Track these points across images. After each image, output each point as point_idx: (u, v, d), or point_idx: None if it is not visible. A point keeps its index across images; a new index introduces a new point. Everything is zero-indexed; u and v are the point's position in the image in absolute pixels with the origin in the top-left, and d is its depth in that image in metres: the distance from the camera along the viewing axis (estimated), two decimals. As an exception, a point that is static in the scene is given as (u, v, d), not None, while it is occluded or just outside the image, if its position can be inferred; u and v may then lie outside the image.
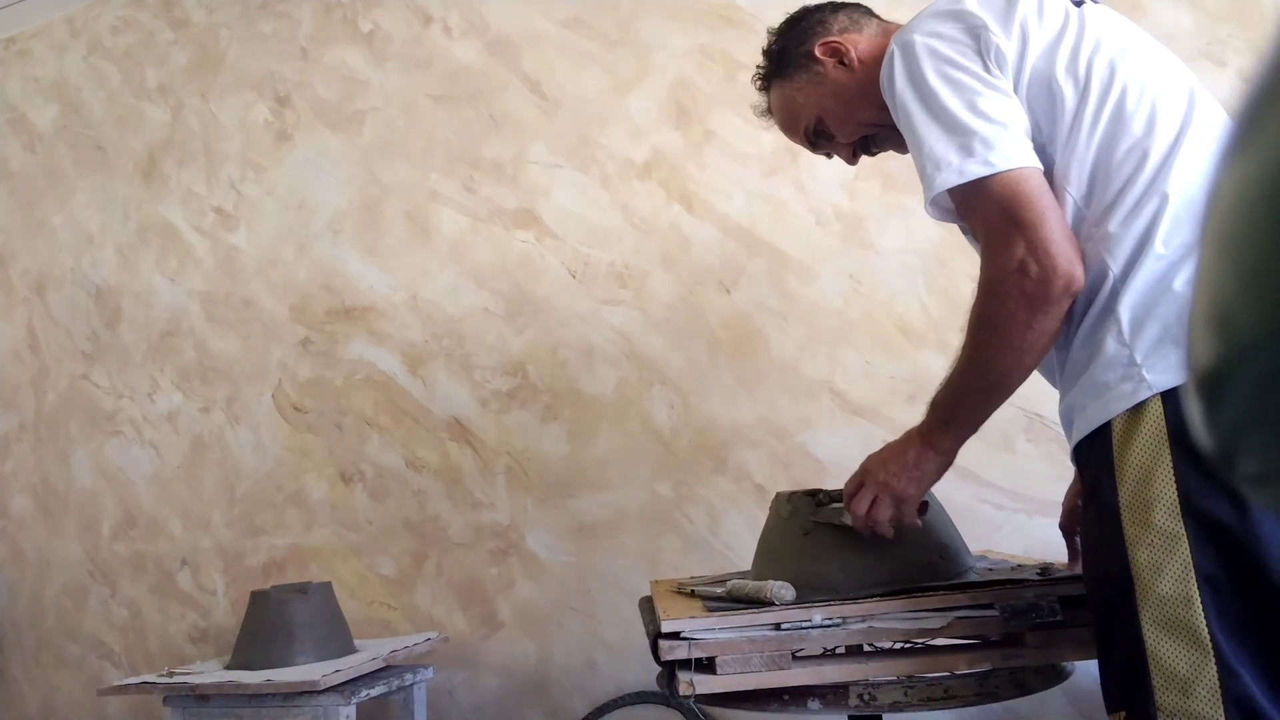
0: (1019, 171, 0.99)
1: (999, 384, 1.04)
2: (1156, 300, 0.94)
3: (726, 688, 1.10)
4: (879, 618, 1.12)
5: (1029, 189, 0.99)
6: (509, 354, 2.30)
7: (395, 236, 2.45)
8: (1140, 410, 0.92)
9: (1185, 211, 0.96)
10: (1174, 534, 0.88)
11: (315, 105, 2.59)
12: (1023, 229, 0.98)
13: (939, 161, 1.02)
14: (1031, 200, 0.98)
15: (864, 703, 1.12)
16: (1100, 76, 1.02)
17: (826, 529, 1.23)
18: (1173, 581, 0.88)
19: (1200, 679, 0.85)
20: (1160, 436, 0.90)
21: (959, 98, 1.02)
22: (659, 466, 2.13)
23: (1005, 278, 0.99)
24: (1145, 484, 0.91)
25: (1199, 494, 0.87)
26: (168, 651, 2.59)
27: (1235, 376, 0.26)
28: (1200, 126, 1.00)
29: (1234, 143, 0.26)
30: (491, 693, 2.24)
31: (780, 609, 1.13)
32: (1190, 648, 0.86)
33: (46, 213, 2.93)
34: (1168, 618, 0.88)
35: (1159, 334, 0.93)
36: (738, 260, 2.12)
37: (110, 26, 2.91)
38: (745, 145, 2.14)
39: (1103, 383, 0.96)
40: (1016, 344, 1.00)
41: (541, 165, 2.32)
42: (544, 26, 2.36)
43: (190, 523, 2.61)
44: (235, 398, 2.60)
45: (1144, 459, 0.91)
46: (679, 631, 1.11)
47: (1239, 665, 0.84)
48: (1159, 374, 0.92)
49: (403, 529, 2.36)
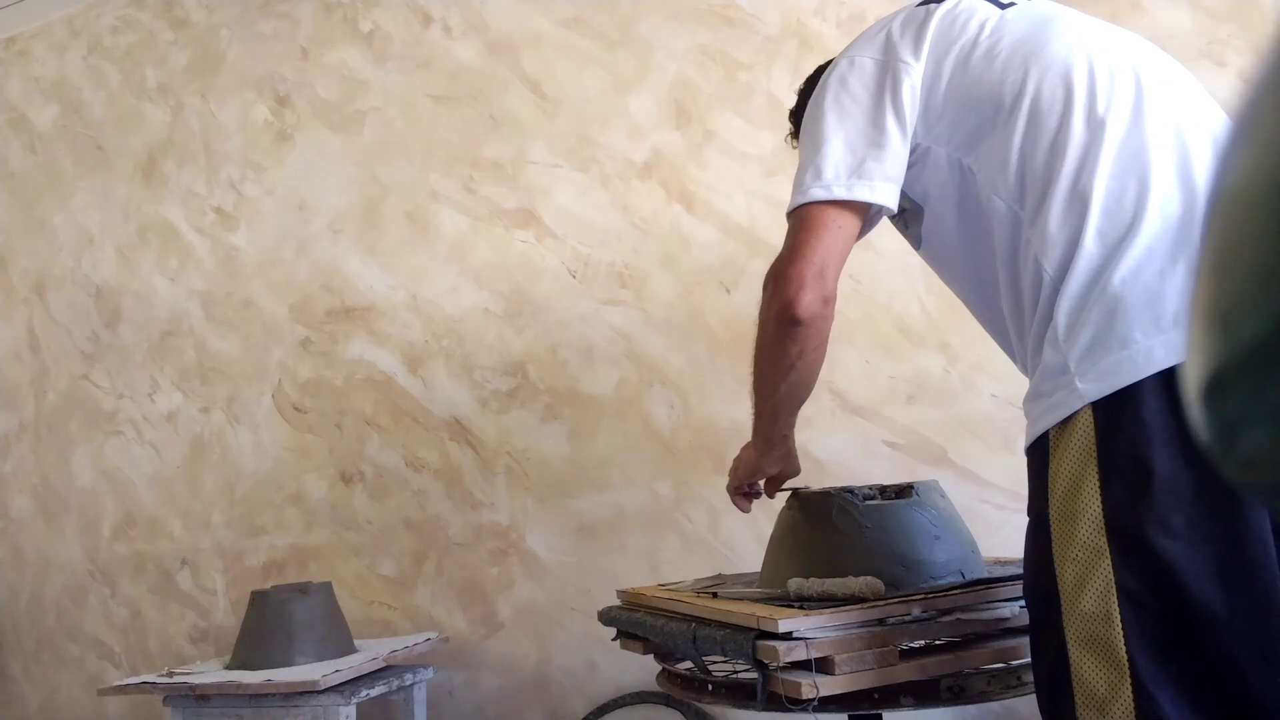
0: (839, 205, 1.05)
1: (757, 387, 1.21)
2: (1090, 303, 0.91)
3: (844, 688, 1.05)
4: (965, 610, 1.12)
5: (815, 221, 1.06)
6: (509, 354, 2.30)
7: (395, 236, 2.45)
8: (1071, 421, 0.90)
9: (1116, 203, 0.93)
10: (1097, 549, 0.86)
11: (315, 105, 2.59)
12: (790, 252, 1.07)
13: (798, 183, 1.09)
14: (819, 231, 1.05)
15: (953, 695, 1.11)
16: (1013, 79, 1.01)
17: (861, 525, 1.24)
18: (1094, 598, 0.85)
19: (1116, 699, 0.83)
20: (1088, 449, 0.88)
21: (840, 125, 1.07)
22: (659, 466, 2.13)
23: (762, 286, 1.13)
24: (1072, 497, 0.88)
25: (1122, 510, 0.85)
26: (168, 651, 2.60)
27: (1235, 376, 0.26)
28: (1142, 110, 0.97)
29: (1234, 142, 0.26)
30: (491, 693, 2.24)
31: (882, 605, 1.10)
32: (1108, 667, 0.84)
33: (46, 213, 2.93)
34: (1089, 634, 0.86)
35: (1091, 339, 0.90)
36: (738, 260, 2.12)
37: (110, 26, 2.91)
38: (745, 145, 2.14)
39: (1043, 392, 0.95)
40: (756, 352, 1.16)
41: (541, 165, 2.32)
42: (544, 26, 2.36)
43: (190, 523, 2.61)
44: (235, 398, 2.60)
45: (1072, 471, 0.89)
46: (792, 631, 1.05)
47: (1155, 687, 0.82)
48: (1090, 383, 0.89)
49: (403, 529, 2.37)
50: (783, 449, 1.32)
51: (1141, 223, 0.91)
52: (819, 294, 1.06)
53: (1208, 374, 0.27)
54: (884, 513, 1.25)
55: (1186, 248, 0.89)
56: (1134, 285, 0.89)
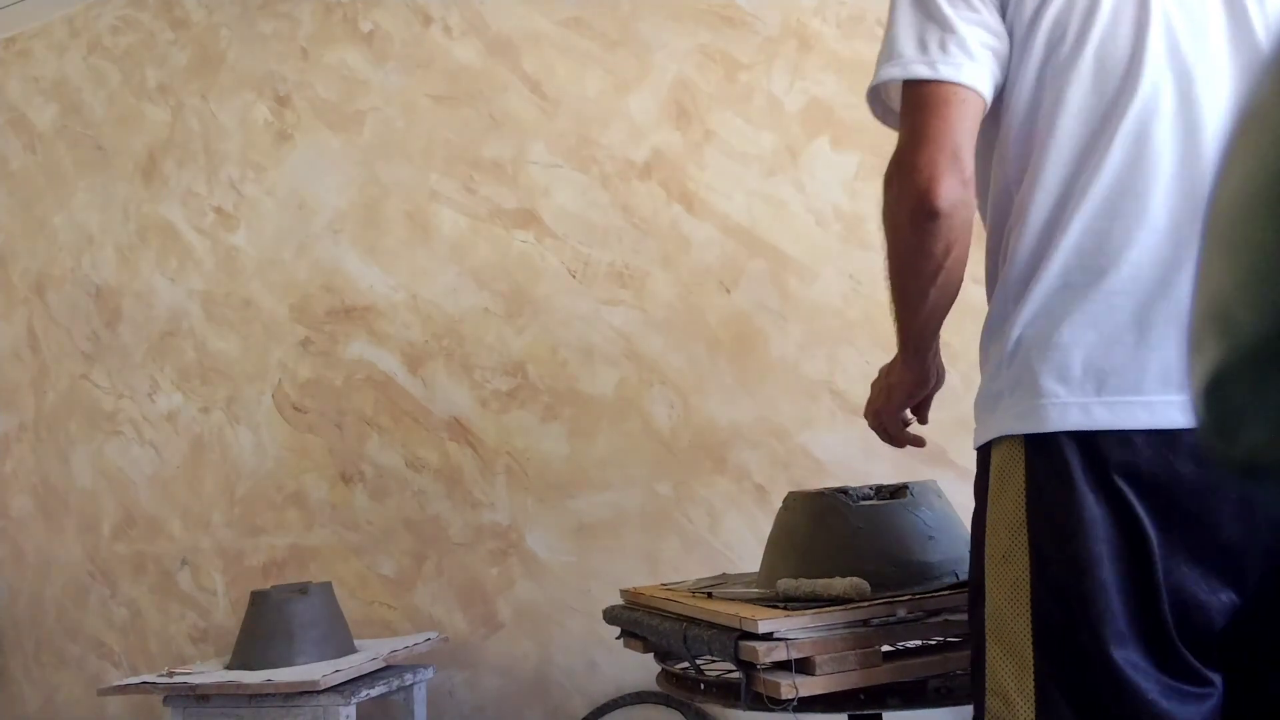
0: (952, 86, 0.94)
1: (901, 299, 1.07)
2: (1043, 339, 0.90)
3: (825, 689, 1.05)
4: (952, 611, 1.12)
5: (932, 101, 0.94)
6: (509, 354, 2.30)
7: (395, 236, 2.46)
8: (1005, 449, 0.92)
9: (1100, 235, 0.89)
10: (1016, 555, 0.90)
11: (315, 105, 2.59)
12: (911, 139, 0.94)
13: (893, 53, 0.97)
14: (925, 108, 0.94)
15: (941, 695, 1.11)
16: (1039, 43, 0.95)
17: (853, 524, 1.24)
18: (1010, 599, 0.90)
19: (1022, 692, 0.88)
20: (1017, 463, 0.90)
21: (944, 2, 0.96)
22: (659, 466, 2.13)
23: (884, 184, 0.98)
24: (999, 501, 0.93)
25: (1036, 519, 0.89)
26: (168, 651, 2.60)
27: (1235, 375, 0.26)
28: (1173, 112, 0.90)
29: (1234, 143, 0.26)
30: (491, 693, 2.24)
31: (866, 605, 1.10)
32: (1016, 663, 0.89)
33: (46, 213, 2.93)
34: (1001, 631, 0.91)
35: (1023, 375, 0.91)
36: (738, 260, 2.12)
37: (110, 26, 2.91)
38: (745, 145, 2.14)
39: (991, 395, 0.96)
40: (892, 259, 1.02)
41: (541, 165, 2.32)
42: (544, 26, 2.36)
43: (190, 523, 2.61)
44: (235, 398, 2.60)
45: (1001, 478, 0.92)
46: (773, 632, 1.05)
47: (1053, 685, 0.87)
48: (1019, 420, 0.91)
49: (403, 529, 2.37)
50: (935, 361, 1.23)
51: (1117, 265, 0.88)
52: (957, 177, 0.93)
53: (1209, 371, 0.27)
54: (877, 513, 1.25)
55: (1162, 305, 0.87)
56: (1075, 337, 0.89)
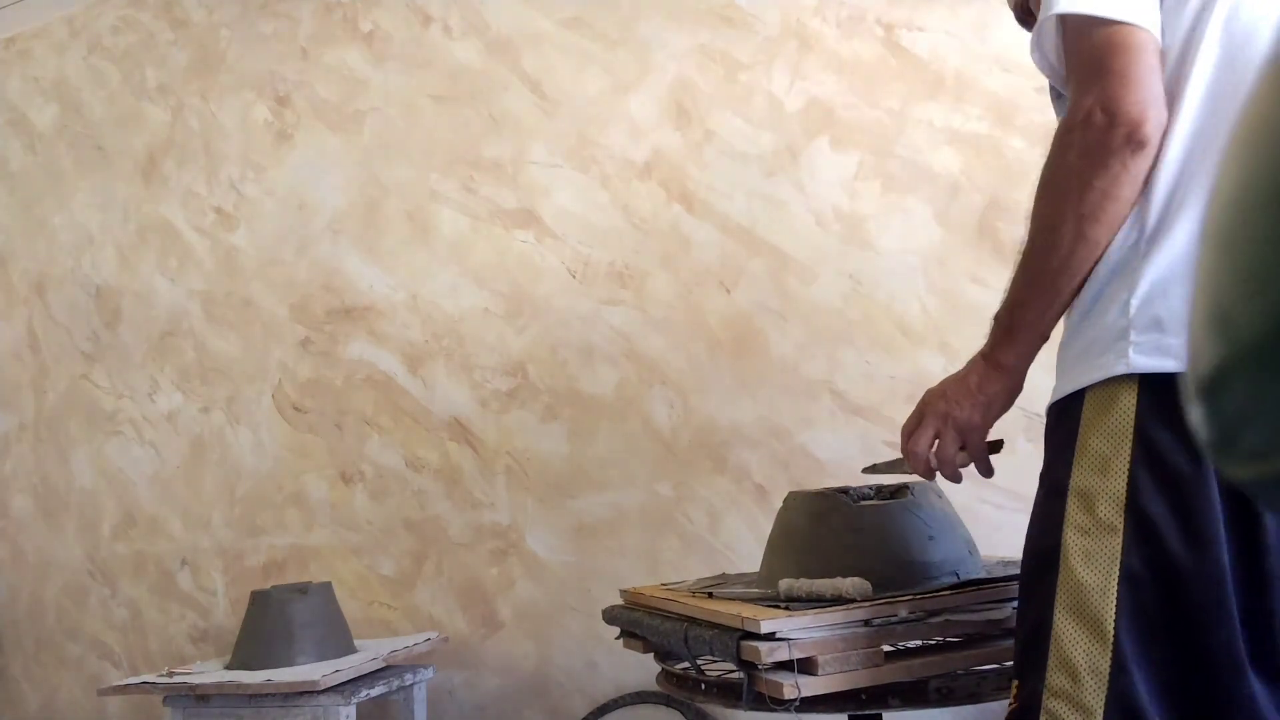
0: (1133, 27, 0.90)
1: (1063, 266, 0.93)
2: (1175, 277, 0.87)
3: (827, 689, 1.05)
4: (954, 611, 1.12)
5: (1133, 44, 0.90)
6: (509, 354, 2.30)
7: (395, 236, 2.46)
8: (1114, 394, 0.88)
9: None
10: (1111, 526, 0.86)
11: (315, 105, 2.59)
12: (1104, 76, 0.89)
13: None
14: (1128, 51, 0.90)
15: (942, 696, 1.11)
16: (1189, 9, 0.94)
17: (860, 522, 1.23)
18: (1096, 572, 0.86)
19: (1093, 670, 0.84)
20: (1126, 427, 0.87)
21: None
22: (659, 466, 2.13)
23: (1071, 129, 0.91)
24: (1099, 473, 0.88)
25: (1147, 496, 0.85)
26: (168, 651, 2.60)
27: (1235, 376, 0.26)
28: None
29: (1233, 142, 0.26)
30: (491, 693, 2.24)
31: (868, 606, 1.10)
32: (1093, 638, 0.85)
33: (46, 213, 2.93)
34: (1080, 604, 0.87)
35: (1160, 315, 0.87)
36: (738, 260, 2.12)
37: (110, 26, 2.91)
38: (745, 145, 2.14)
39: (1088, 347, 0.92)
40: (1075, 207, 0.90)
41: (541, 165, 2.32)
42: (544, 26, 2.36)
43: (190, 523, 2.61)
44: (235, 398, 2.60)
45: (1104, 448, 0.88)
46: (775, 632, 1.05)
47: (1135, 666, 0.83)
48: (1145, 355, 0.86)
49: (403, 529, 2.37)
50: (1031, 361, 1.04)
51: None
52: (1161, 116, 0.89)
53: (1208, 373, 0.27)
54: (878, 513, 1.25)
55: None
56: None
